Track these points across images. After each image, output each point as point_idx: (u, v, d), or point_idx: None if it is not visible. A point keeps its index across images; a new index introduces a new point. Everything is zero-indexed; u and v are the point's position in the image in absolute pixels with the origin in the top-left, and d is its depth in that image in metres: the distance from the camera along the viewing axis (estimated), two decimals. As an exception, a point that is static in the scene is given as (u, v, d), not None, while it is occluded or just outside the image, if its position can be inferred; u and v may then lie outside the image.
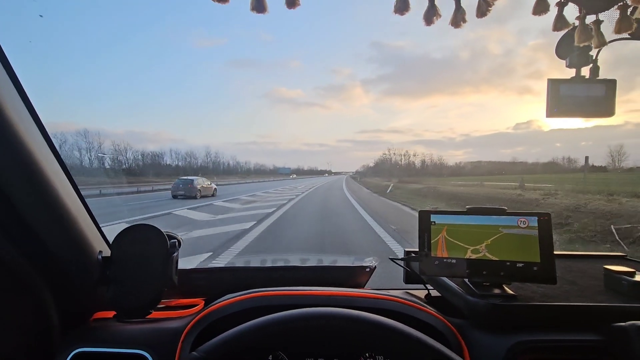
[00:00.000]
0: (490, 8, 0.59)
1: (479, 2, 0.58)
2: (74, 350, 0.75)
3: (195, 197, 17.30)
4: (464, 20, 0.60)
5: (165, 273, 0.83)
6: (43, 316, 0.75)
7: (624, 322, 0.68)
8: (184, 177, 19.50)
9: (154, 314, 0.85)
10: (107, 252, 0.84)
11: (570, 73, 0.88)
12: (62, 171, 0.74)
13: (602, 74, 0.87)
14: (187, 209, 12.25)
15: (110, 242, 0.86)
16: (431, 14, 0.58)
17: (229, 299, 0.85)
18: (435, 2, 0.57)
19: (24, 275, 0.70)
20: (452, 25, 0.60)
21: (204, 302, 0.95)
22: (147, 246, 0.83)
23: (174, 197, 17.65)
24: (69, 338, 0.78)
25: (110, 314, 0.86)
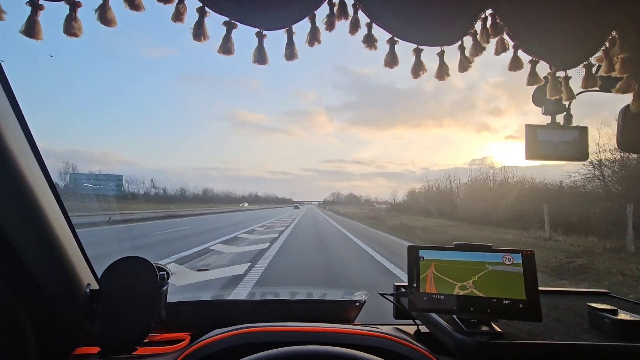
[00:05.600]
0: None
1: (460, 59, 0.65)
2: None
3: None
4: (448, 74, 0.66)
5: (154, 308, 0.82)
6: (22, 350, 0.72)
7: None
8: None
9: (139, 350, 0.83)
10: (94, 285, 0.83)
11: (546, 120, 0.95)
12: (54, 199, 0.74)
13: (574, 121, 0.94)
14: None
15: (98, 275, 0.84)
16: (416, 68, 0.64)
17: (216, 335, 0.83)
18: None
19: (5, 306, 0.69)
20: (437, 78, 0.66)
21: (189, 336, 0.93)
22: (137, 279, 0.81)
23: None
24: None
25: (92, 349, 0.83)
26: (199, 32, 0.55)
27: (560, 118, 0.95)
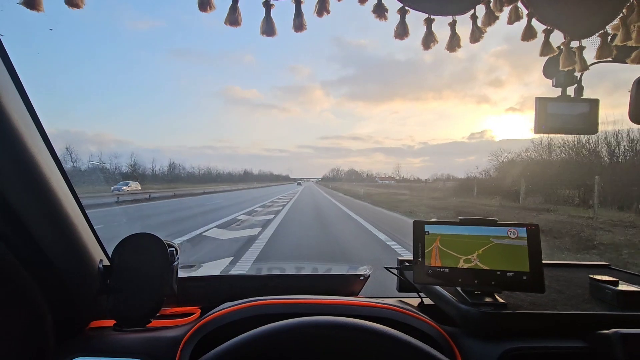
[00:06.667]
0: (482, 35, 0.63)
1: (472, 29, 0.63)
2: (72, 359, 0.75)
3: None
4: (459, 46, 0.64)
5: (166, 282, 0.84)
6: (39, 326, 0.75)
7: (608, 329, 0.72)
8: None
9: (151, 323, 0.86)
10: (106, 261, 0.85)
11: (556, 92, 0.93)
12: (63, 179, 0.75)
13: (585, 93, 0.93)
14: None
15: (108, 252, 0.87)
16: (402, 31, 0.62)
17: (226, 307, 0.86)
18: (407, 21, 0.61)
19: (21, 284, 0.71)
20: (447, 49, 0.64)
21: (200, 310, 0.96)
22: (147, 255, 0.84)
23: None
24: (65, 347, 0.78)
25: (107, 322, 0.87)
26: (204, 0, 0.53)
27: (571, 90, 0.93)
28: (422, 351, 0.66)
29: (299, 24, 0.58)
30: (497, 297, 0.84)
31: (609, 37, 0.71)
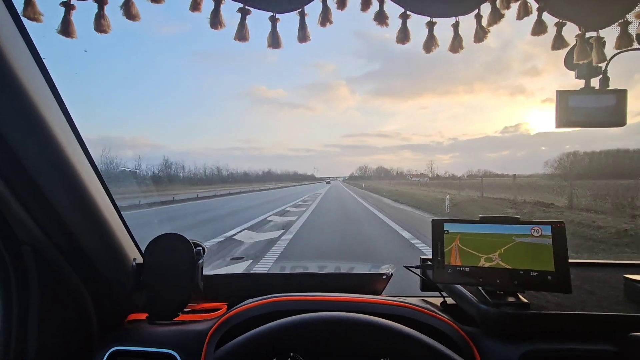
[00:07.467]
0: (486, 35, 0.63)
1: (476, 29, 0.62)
2: (111, 348, 0.83)
3: None
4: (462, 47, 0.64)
5: (192, 279, 0.91)
6: (84, 318, 0.84)
7: None
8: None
9: (182, 317, 0.93)
10: (139, 259, 0.93)
11: (580, 84, 0.89)
12: (101, 184, 0.82)
13: (614, 83, 0.87)
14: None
15: (142, 250, 0.95)
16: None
17: (249, 303, 0.91)
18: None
19: (69, 282, 0.80)
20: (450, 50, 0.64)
21: (226, 306, 1.02)
22: (175, 254, 0.92)
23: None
24: (106, 338, 0.86)
25: (142, 316, 0.95)
26: (215, 20, 0.57)
27: (595, 82, 0.88)
28: (435, 350, 0.66)
29: (302, 36, 0.61)
30: (520, 297, 0.81)
31: (630, 26, 0.67)
